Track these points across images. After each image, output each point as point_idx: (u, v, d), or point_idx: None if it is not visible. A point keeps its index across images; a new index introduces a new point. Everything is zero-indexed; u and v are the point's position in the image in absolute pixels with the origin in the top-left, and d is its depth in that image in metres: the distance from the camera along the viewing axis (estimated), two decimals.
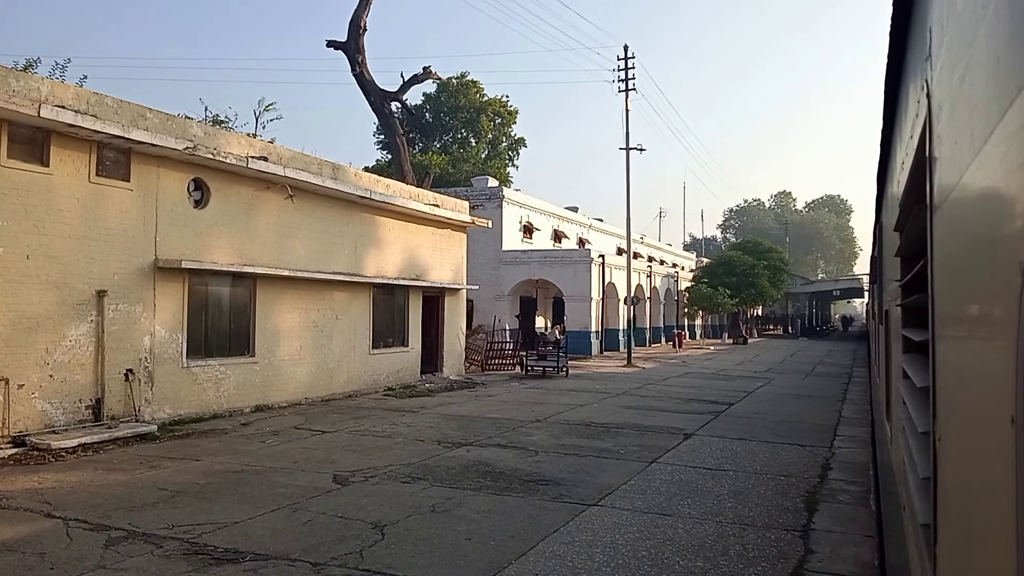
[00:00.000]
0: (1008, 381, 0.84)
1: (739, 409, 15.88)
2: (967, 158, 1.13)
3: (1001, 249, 0.89)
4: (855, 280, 68.44)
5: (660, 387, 19.81)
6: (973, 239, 1.13)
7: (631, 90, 27.13)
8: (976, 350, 1.14)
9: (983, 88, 1.01)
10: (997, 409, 0.90)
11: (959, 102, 1.24)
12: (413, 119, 62.26)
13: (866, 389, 20.20)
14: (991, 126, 0.93)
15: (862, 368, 29.08)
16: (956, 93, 1.26)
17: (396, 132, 25.02)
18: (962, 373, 1.28)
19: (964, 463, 1.24)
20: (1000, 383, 0.89)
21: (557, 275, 32.88)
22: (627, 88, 27.01)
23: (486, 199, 33.60)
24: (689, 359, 31.54)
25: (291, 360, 14.92)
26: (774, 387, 20.88)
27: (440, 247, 20.28)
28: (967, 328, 1.23)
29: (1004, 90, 0.86)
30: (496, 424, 13.03)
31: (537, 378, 21.25)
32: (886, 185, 4.36)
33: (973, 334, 1.17)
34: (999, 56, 0.89)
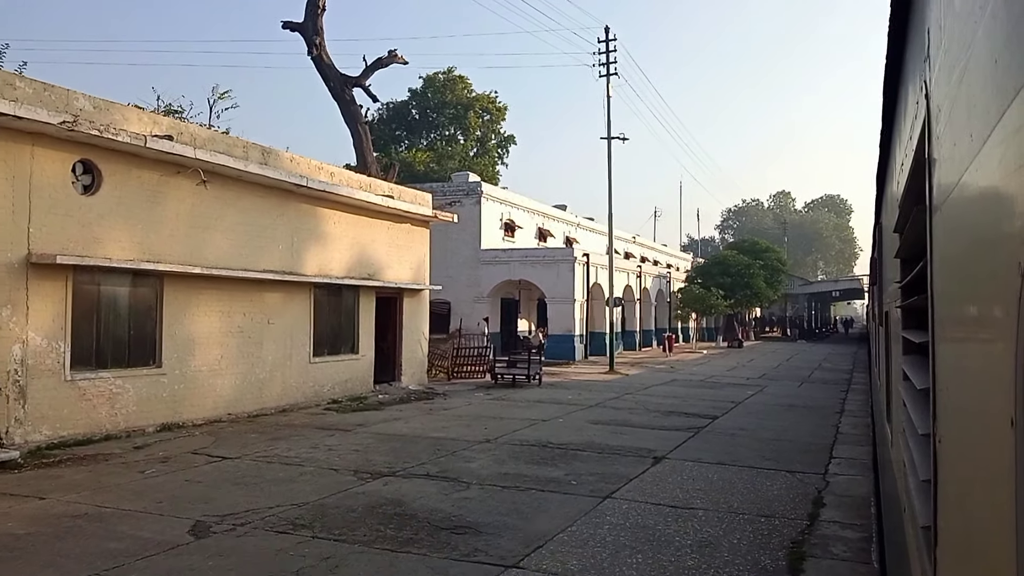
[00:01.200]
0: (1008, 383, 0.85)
1: (723, 424, 14.01)
2: (966, 159, 1.14)
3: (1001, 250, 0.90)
4: (855, 281, 66.55)
5: (640, 397, 17.94)
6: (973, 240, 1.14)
7: (613, 75, 25.34)
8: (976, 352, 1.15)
9: (981, 89, 1.02)
10: (997, 411, 0.91)
11: (958, 103, 1.25)
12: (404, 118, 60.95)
13: (867, 399, 18.36)
14: (990, 127, 0.94)
15: (862, 373, 27.22)
16: (955, 94, 1.27)
17: (358, 120, 23.20)
18: (962, 375, 1.29)
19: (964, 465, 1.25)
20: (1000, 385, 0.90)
21: (539, 275, 31.02)
22: (608, 73, 25.21)
23: (464, 195, 31.77)
24: (678, 364, 29.68)
25: (209, 371, 13.06)
26: (765, 396, 19.02)
27: (398, 243, 18.42)
28: (967, 330, 1.24)
29: (1002, 91, 0.87)
30: (436, 446, 11.17)
31: (506, 387, 19.39)
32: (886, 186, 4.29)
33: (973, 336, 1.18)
34: (997, 57, 0.90)
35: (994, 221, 0.95)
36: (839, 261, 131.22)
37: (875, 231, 7.08)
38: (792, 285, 58.95)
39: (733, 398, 18.21)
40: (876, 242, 6.89)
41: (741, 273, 42.48)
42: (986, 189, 0.99)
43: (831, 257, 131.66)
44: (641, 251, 54.73)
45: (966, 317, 1.24)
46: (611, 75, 25.23)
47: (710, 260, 46.71)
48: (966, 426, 1.23)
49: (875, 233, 7.12)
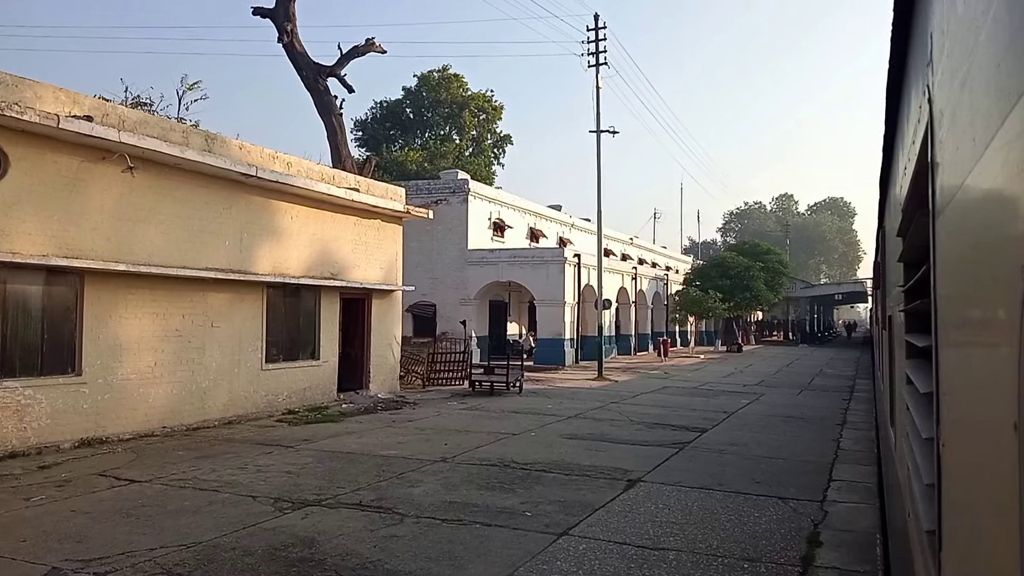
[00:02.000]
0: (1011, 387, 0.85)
1: (712, 438, 12.69)
2: (969, 163, 1.14)
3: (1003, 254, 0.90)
4: (858, 284, 65.15)
5: (625, 407, 16.62)
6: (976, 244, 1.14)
7: (602, 64, 24.05)
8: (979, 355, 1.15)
9: (984, 93, 1.02)
10: (1000, 415, 0.91)
11: (960, 107, 1.25)
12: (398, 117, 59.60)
13: (870, 408, 17.05)
14: (992, 131, 0.94)
15: (866, 380, 25.87)
16: (957, 98, 1.27)
17: (332, 111, 21.94)
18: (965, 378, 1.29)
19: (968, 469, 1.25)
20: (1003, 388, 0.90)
21: (527, 276, 29.72)
22: (597, 63, 23.92)
23: (450, 192, 30.51)
24: (672, 370, 28.34)
25: (140, 379, 11.78)
26: (762, 406, 17.69)
27: (366, 241, 17.13)
28: (970, 333, 1.24)
29: (1005, 95, 0.87)
30: (383, 466, 9.87)
31: (484, 396, 18.07)
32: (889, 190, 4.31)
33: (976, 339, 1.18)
34: (999, 61, 0.91)
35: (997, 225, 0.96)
36: (842, 264, 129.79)
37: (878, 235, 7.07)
38: (794, 288, 57.53)
39: (726, 408, 16.89)
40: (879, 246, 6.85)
41: (740, 275, 41.11)
42: (989, 193, 1.01)
43: (834, 260, 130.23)
44: (639, 253, 53.43)
45: (969, 321, 1.25)
46: (600, 65, 23.97)
47: (708, 262, 45.35)
48: (969, 430, 1.23)
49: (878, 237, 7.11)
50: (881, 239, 6.12)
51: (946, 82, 1.42)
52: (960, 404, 1.35)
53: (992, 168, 0.95)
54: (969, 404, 1.24)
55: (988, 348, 1.05)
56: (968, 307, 1.25)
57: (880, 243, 6.60)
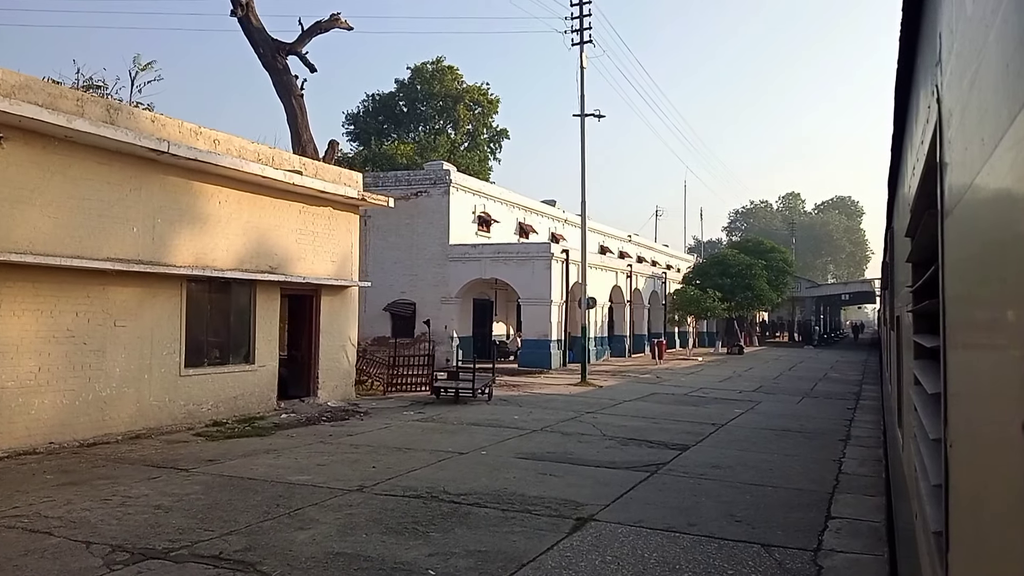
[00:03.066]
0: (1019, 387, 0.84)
1: (693, 458, 10.89)
2: (977, 163, 1.14)
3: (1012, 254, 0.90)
4: (866, 284, 63.09)
5: (603, 417, 14.81)
6: (984, 244, 1.14)
7: (587, 42, 22.20)
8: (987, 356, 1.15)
9: (993, 93, 1.02)
10: (1008, 416, 0.90)
11: (969, 107, 1.25)
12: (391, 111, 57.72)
13: (878, 419, 15.24)
14: (1001, 131, 0.94)
15: (873, 386, 24.02)
16: (966, 98, 1.27)
17: (292, 92, 20.21)
18: (973, 379, 1.28)
19: (975, 470, 1.25)
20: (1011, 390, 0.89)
21: (512, 274, 27.93)
22: (581, 40, 22.10)
23: (430, 183, 28.75)
24: (666, 374, 26.50)
25: (20, 387, 10.05)
26: (757, 416, 15.86)
27: (314, 230, 15.38)
28: (978, 334, 1.24)
29: (1014, 95, 0.87)
30: (280, 498, 8.11)
31: (448, 404, 16.29)
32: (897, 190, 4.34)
33: (984, 340, 1.18)
34: (1008, 61, 0.90)
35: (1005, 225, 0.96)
36: (850, 264, 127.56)
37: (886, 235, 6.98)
38: (799, 288, 55.56)
39: (716, 419, 15.07)
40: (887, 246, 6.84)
41: (742, 274, 39.19)
42: (997, 193, 1.01)
43: (841, 260, 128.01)
44: (638, 251, 51.55)
45: (977, 321, 1.25)
46: (584, 43, 22.13)
47: (708, 260, 43.44)
48: (977, 431, 1.24)
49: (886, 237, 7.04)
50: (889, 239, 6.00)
51: (955, 82, 1.42)
52: (968, 405, 1.36)
53: (1001, 168, 0.96)
54: (977, 405, 1.25)
55: (996, 349, 1.06)
56: (976, 308, 1.26)
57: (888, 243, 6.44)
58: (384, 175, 29.39)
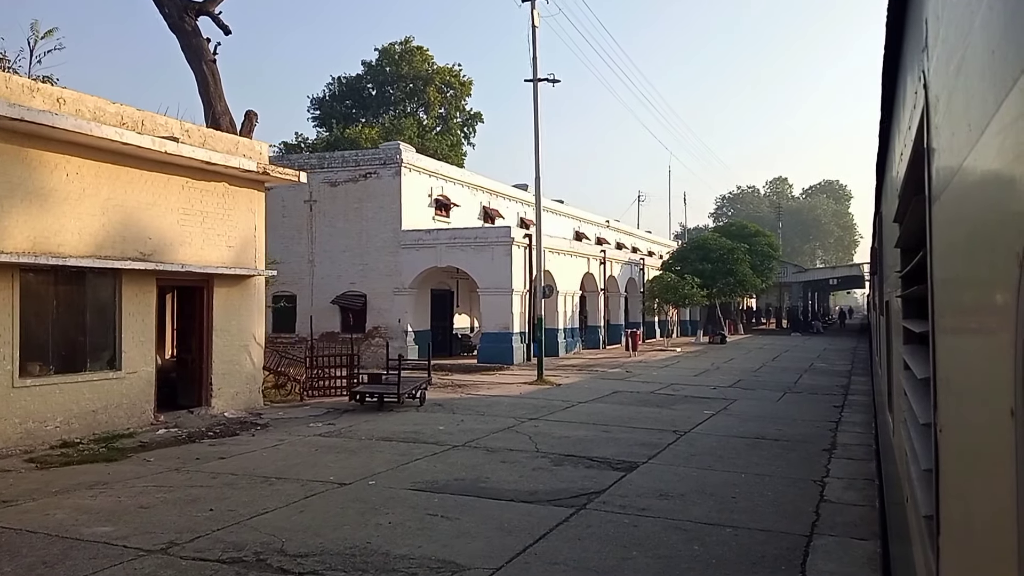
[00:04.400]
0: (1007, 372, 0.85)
1: (637, 484, 8.65)
2: (965, 149, 1.14)
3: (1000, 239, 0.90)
4: (854, 268, 61.13)
5: (545, 425, 12.57)
6: (972, 230, 1.14)
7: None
8: (976, 341, 1.16)
9: (979, 79, 1.03)
10: (997, 400, 0.91)
11: (956, 93, 1.25)
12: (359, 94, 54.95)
13: (870, 420, 13.12)
14: (988, 117, 0.94)
15: (863, 377, 21.90)
16: (953, 84, 1.28)
17: (203, 57, 17.81)
18: (962, 364, 1.29)
19: (965, 455, 1.26)
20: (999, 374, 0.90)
21: (469, 261, 25.61)
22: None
23: (379, 164, 26.36)
24: (638, 367, 24.28)
25: None
26: (728, 419, 13.65)
27: (203, 210, 13.02)
28: (967, 319, 1.25)
29: (1000, 81, 0.87)
30: (44, 565, 5.82)
31: (371, 412, 13.99)
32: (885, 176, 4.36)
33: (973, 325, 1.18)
34: (994, 47, 0.91)
35: (993, 210, 0.96)
36: (838, 249, 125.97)
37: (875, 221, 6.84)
38: (785, 273, 53.49)
39: (680, 424, 12.85)
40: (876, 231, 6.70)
41: (723, 258, 36.98)
42: (984, 179, 1.02)
43: (830, 245, 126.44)
44: (617, 237, 49.29)
45: (966, 306, 1.26)
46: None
47: (688, 244, 41.23)
48: (967, 415, 1.24)
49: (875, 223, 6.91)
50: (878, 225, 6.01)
51: (941, 68, 1.43)
52: (957, 390, 1.36)
53: (988, 154, 0.97)
54: (966, 390, 1.25)
55: (985, 334, 1.06)
56: (965, 293, 1.26)
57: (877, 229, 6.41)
58: (330, 155, 27.00)
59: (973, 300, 1.17)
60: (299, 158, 27.23)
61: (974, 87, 1.06)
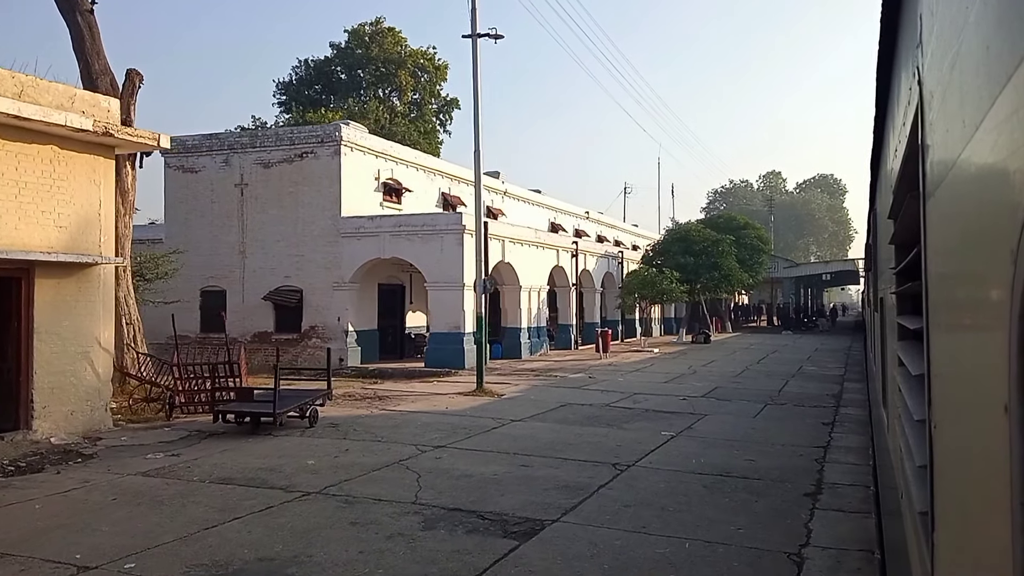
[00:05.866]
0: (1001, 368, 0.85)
1: (527, 565, 5.87)
2: (959, 145, 1.14)
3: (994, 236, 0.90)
4: (849, 263, 58.45)
5: (451, 456, 9.78)
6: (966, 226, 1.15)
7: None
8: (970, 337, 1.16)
9: (974, 75, 1.03)
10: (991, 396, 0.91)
11: (950, 89, 1.25)
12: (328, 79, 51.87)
13: (866, 441, 10.48)
14: (982, 113, 0.95)
15: (857, 383, 19.20)
16: (947, 80, 1.28)
17: (77, 7, 14.97)
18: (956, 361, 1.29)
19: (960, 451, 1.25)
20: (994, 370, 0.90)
21: (416, 251, 22.79)
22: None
23: (317, 142, 23.48)
24: (605, 372, 21.51)
25: None
26: (690, 445, 10.89)
27: (19, 179, 10.18)
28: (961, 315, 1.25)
29: (994, 77, 0.87)
30: None
31: (241, 436, 11.16)
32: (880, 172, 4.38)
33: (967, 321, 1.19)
34: (989, 43, 0.91)
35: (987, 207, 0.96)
36: (832, 244, 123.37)
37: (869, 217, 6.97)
38: (776, 267, 50.77)
39: (626, 452, 10.09)
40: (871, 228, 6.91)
41: (707, 251, 34.20)
42: (979, 175, 1.01)
43: (824, 240, 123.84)
44: (598, 229, 46.51)
45: (960, 303, 1.25)
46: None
47: (669, 235, 38.45)
48: (961, 412, 1.24)
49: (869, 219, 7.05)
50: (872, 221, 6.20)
51: (936, 64, 1.43)
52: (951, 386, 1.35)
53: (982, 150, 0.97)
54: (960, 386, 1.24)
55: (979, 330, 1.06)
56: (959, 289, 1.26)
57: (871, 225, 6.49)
58: (263, 131, 24.25)
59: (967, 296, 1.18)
60: (229, 136, 24.28)
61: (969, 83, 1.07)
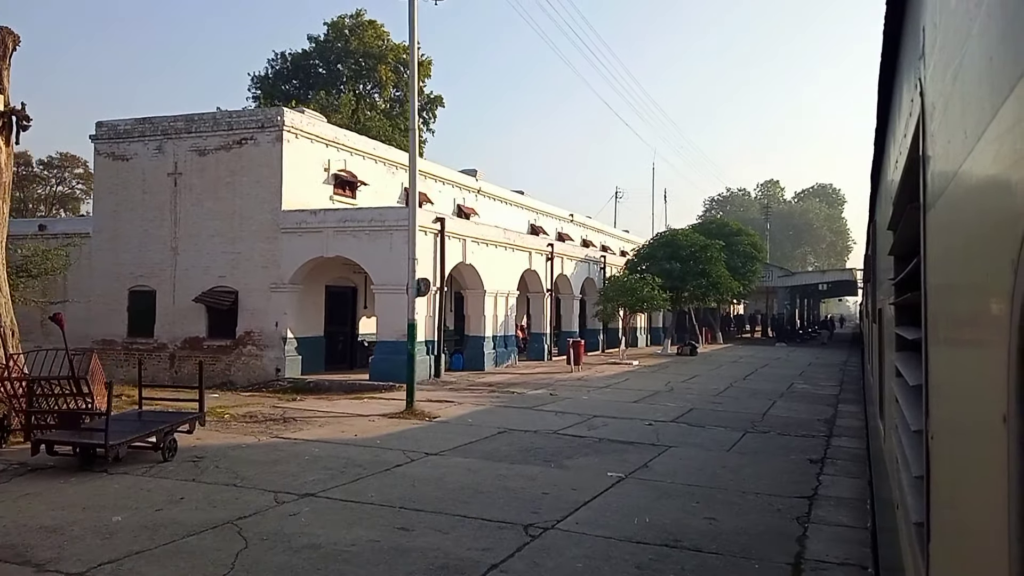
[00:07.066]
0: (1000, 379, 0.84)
1: None
2: (960, 156, 1.13)
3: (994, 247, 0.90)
4: (846, 273, 56.15)
5: (312, 512, 7.38)
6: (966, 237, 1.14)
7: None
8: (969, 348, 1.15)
9: (976, 86, 1.02)
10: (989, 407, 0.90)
11: (952, 100, 1.25)
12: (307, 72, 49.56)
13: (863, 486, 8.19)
14: (984, 124, 0.94)
15: (854, 405, 16.85)
16: (949, 91, 1.28)
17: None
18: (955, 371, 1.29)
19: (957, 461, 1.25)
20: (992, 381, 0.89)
21: (362, 250, 20.42)
22: None
23: (257, 128, 21.10)
24: (571, 388, 19.10)
25: None
26: (639, 493, 8.49)
27: None
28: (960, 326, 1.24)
29: (997, 88, 0.87)
30: None
31: (66, 474, 8.75)
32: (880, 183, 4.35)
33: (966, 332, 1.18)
34: (992, 55, 0.91)
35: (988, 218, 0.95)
36: (830, 255, 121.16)
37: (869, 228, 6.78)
38: (770, 276, 48.43)
39: (551, 505, 7.72)
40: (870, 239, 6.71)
41: (695, 257, 31.82)
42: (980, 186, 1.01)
43: (821, 251, 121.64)
44: (584, 233, 44.20)
45: (959, 314, 1.25)
46: None
47: (655, 239, 36.08)
48: (959, 422, 1.23)
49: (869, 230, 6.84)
50: (872, 232, 6.06)
51: (938, 75, 1.43)
52: (949, 397, 1.35)
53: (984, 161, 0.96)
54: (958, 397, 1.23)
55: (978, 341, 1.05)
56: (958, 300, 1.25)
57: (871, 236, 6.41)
58: (200, 116, 21.76)
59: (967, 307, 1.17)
60: (163, 120, 21.92)
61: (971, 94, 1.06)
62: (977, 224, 1.04)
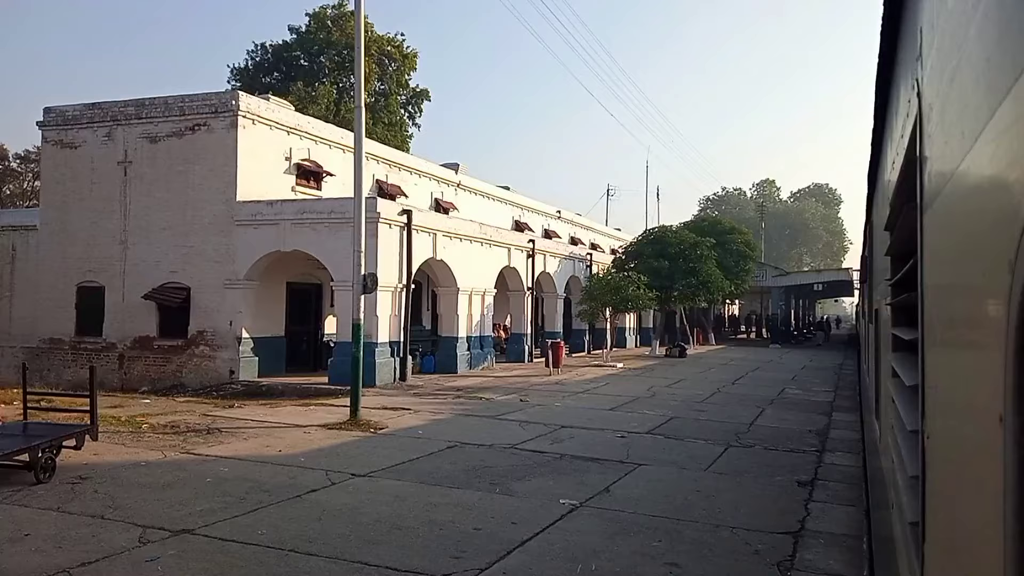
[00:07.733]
0: (997, 380, 0.84)
1: None
2: (957, 157, 1.13)
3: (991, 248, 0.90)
4: (842, 273, 54.77)
5: (176, 559, 6.00)
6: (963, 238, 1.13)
7: None
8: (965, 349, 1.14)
9: (973, 87, 1.02)
10: (986, 407, 0.90)
11: (949, 101, 1.25)
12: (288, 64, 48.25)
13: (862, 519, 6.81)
14: (981, 125, 0.94)
15: (850, 414, 15.49)
16: (946, 92, 1.27)
17: None
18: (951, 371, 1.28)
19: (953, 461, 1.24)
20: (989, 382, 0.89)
21: (320, 243, 18.99)
22: None
23: (210, 113, 19.65)
24: (546, 393, 17.68)
25: None
26: (595, 527, 7.09)
27: None
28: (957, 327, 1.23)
29: (994, 89, 0.87)
30: None
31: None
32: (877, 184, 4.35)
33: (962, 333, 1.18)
34: (989, 56, 0.91)
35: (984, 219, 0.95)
36: (827, 255, 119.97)
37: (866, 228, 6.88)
38: (764, 276, 47.06)
39: (476, 553, 6.32)
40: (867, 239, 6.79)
41: (684, 255, 30.40)
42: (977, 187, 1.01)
43: (818, 251, 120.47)
44: (572, 231, 42.86)
45: (956, 314, 1.24)
46: None
47: (643, 236, 34.67)
48: (955, 422, 1.22)
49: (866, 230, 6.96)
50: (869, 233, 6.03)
51: (935, 76, 1.42)
52: (945, 397, 1.34)
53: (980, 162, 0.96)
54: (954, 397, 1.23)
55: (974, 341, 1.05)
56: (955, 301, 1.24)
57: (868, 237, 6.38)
58: (151, 100, 20.31)
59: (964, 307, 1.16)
60: (113, 105, 20.47)
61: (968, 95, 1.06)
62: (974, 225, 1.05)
